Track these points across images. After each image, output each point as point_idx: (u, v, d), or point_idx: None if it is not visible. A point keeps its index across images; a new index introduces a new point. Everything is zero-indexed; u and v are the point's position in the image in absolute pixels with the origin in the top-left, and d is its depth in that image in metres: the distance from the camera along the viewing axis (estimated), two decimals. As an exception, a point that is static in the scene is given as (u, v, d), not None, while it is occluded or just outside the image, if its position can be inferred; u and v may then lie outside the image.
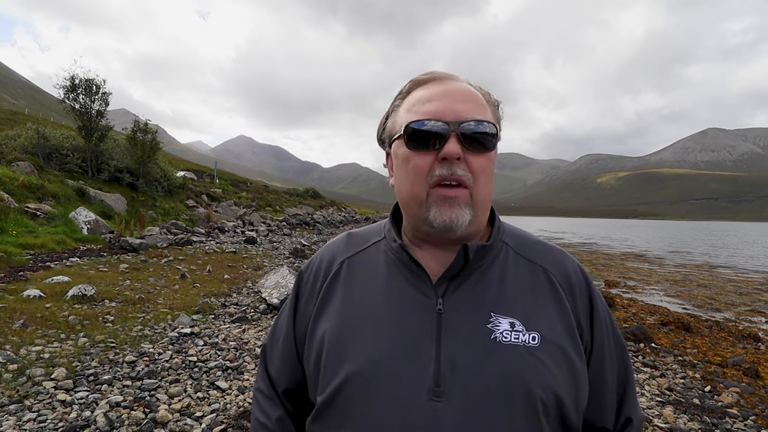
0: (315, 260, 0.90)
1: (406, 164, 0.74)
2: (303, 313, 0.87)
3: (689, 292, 12.01)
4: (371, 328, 0.74)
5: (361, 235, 0.90)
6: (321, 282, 0.85)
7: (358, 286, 0.81)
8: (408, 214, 0.79)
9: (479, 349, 0.70)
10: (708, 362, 5.64)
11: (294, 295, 0.91)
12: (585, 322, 0.79)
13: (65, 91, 17.07)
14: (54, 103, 22.12)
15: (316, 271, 0.88)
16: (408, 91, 0.79)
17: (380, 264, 0.81)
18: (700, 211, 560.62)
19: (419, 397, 0.67)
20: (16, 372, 3.47)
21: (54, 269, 7.42)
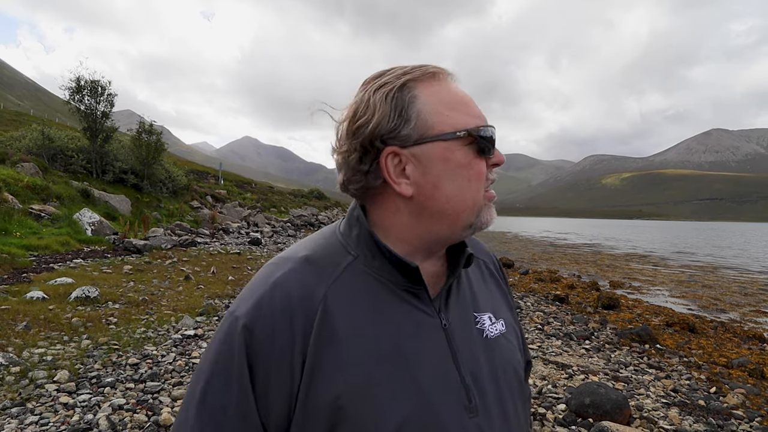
0: (265, 313, 0.61)
1: (468, 170, 0.67)
2: (272, 389, 0.60)
3: (694, 292, 11.94)
4: (397, 373, 0.63)
5: (322, 257, 0.68)
6: (301, 333, 0.61)
7: (357, 324, 0.63)
8: (454, 222, 0.68)
9: (481, 352, 0.71)
10: (713, 363, 5.60)
11: (236, 373, 0.60)
12: (509, 294, 0.90)
13: (71, 93, 17.18)
14: (59, 104, 22.24)
15: (282, 322, 0.61)
16: (420, 80, 0.68)
17: (366, 289, 0.66)
18: (704, 211, 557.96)
19: (464, 422, 0.65)
20: (18, 374, 3.47)
21: (58, 271, 7.45)
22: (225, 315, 0.66)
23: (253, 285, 0.66)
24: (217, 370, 0.61)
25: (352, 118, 0.67)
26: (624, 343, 6.16)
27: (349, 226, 0.71)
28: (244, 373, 0.60)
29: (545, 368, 4.81)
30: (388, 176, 0.67)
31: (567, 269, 16.11)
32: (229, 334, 0.62)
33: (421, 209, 0.68)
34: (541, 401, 3.83)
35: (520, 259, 18.87)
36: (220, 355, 0.62)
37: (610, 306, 8.73)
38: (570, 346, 5.88)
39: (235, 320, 0.62)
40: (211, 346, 0.64)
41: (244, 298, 0.65)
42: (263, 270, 0.69)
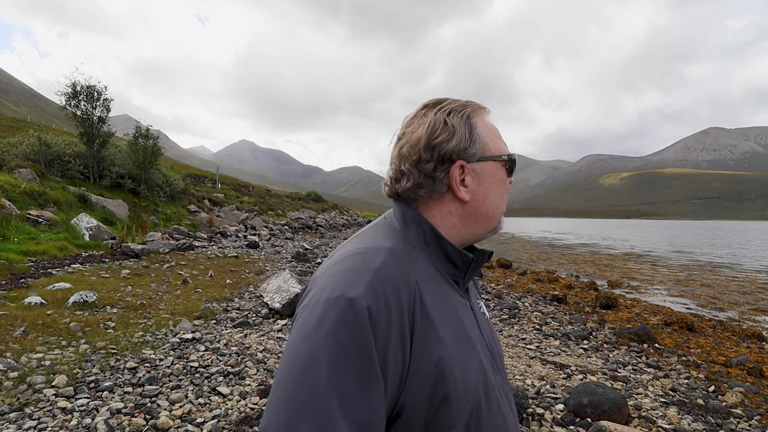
0: (378, 293, 0.69)
1: (503, 185, 0.89)
2: (390, 357, 0.67)
3: (692, 291, 11.97)
4: (468, 342, 0.79)
5: (401, 250, 0.79)
6: (408, 310, 0.71)
7: (437, 303, 0.76)
8: (490, 224, 0.88)
9: (488, 329, 0.92)
10: (712, 362, 5.61)
11: (364, 348, 0.65)
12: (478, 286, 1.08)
13: (67, 98, 17.16)
14: (56, 109, 22.20)
15: (393, 302, 0.69)
16: (474, 112, 0.86)
17: (433, 277, 0.80)
18: (702, 210, 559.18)
19: (495, 379, 0.83)
20: (16, 380, 3.46)
21: (56, 276, 7.43)
22: (321, 300, 0.69)
23: (352, 272, 0.72)
24: (343, 353, 0.64)
25: (431, 134, 0.82)
26: (622, 342, 6.17)
27: (407, 225, 0.84)
28: (372, 351, 0.65)
29: (543, 368, 4.81)
30: (454, 184, 0.83)
31: (565, 269, 16.14)
32: (347, 316, 0.66)
33: (471, 213, 0.85)
34: (540, 401, 3.83)
35: (518, 260, 18.89)
36: (344, 339, 0.65)
37: (608, 306, 8.74)
38: (568, 346, 5.89)
39: (351, 302, 0.67)
40: (319, 332, 0.66)
41: (348, 283, 0.70)
42: (352, 259, 0.75)
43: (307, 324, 0.68)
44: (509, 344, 5.75)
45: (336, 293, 0.69)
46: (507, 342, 5.86)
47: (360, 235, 0.86)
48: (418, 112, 0.86)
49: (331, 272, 0.74)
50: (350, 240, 0.86)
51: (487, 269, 14.42)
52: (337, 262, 0.77)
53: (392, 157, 0.87)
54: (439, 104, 0.86)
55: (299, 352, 0.66)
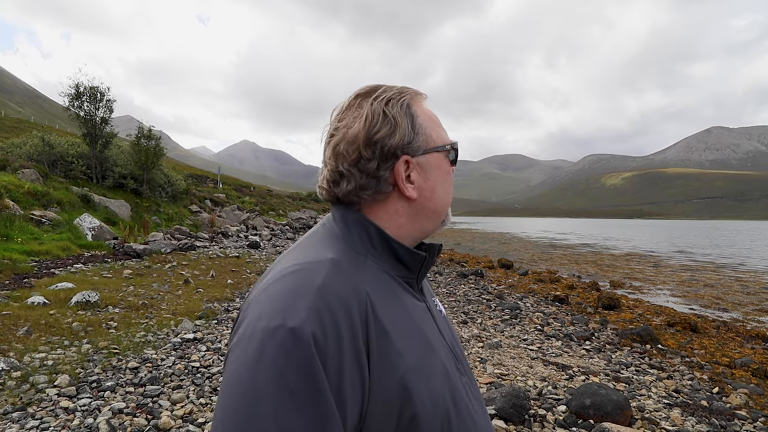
0: (324, 315, 0.60)
1: (448, 176, 0.82)
2: (346, 386, 0.59)
3: (696, 292, 11.93)
4: (430, 351, 0.72)
5: (345, 259, 0.71)
6: (360, 329, 0.63)
7: (391, 313, 0.69)
8: (438, 219, 0.82)
9: (448, 328, 0.86)
10: (716, 363, 5.59)
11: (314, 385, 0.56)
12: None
13: (70, 99, 17.23)
14: (59, 110, 22.27)
15: (343, 323, 0.61)
16: (414, 102, 0.79)
17: (384, 283, 0.72)
18: (706, 210, 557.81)
19: (461, 381, 0.78)
20: (19, 379, 3.47)
21: (58, 276, 7.45)
22: (257, 331, 0.59)
23: (290, 294, 0.62)
24: (287, 391, 0.55)
25: (370, 129, 0.73)
26: (625, 343, 6.15)
27: (349, 229, 0.75)
28: (323, 384, 0.57)
29: (545, 369, 4.80)
30: (400, 182, 0.75)
31: (567, 269, 16.10)
32: (288, 348, 0.57)
33: (419, 210, 0.78)
34: (542, 402, 3.82)
35: (520, 260, 18.87)
36: (287, 374, 0.56)
37: (610, 306, 8.72)
38: (570, 346, 5.88)
39: (292, 331, 0.57)
40: (258, 368, 0.56)
41: (286, 309, 0.60)
42: (289, 279, 0.65)
43: (243, 361, 0.58)
44: (511, 345, 5.74)
45: (274, 322, 0.59)
46: (508, 343, 5.85)
47: (297, 246, 0.76)
48: (351, 103, 0.77)
49: (266, 296, 0.64)
50: (286, 254, 0.76)
51: (488, 269, 14.40)
52: (271, 283, 0.66)
53: (326, 157, 0.77)
54: (373, 93, 0.76)
55: (236, 395, 0.56)
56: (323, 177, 0.78)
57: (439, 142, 0.79)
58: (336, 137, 0.75)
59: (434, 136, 0.79)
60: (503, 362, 4.95)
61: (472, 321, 6.95)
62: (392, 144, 0.73)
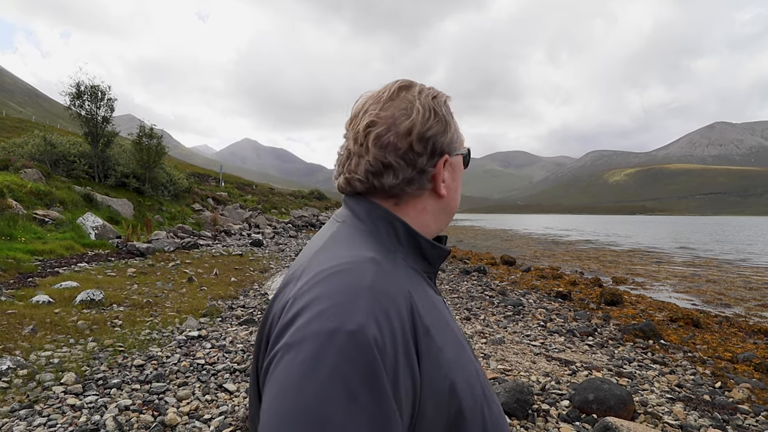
0: (380, 317, 0.58)
1: (461, 177, 0.85)
2: (401, 385, 0.58)
3: (698, 287, 11.92)
4: (462, 343, 0.73)
5: (385, 258, 0.69)
6: (410, 327, 0.62)
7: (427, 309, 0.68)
8: (448, 218, 0.84)
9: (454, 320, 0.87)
10: (718, 358, 5.59)
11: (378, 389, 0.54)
12: None
13: (71, 98, 17.25)
14: (60, 110, 22.29)
15: (396, 324, 0.60)
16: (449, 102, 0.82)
17: (416, 280, 0.72)
18: (708, 206, 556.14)
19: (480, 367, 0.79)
20: (26, 377, 3.50)
21: (62, 275, 7.48)
22: (313, 334, 0.56)
23: (345, 295, 0.60)
24: (352, 399, 0.52)
25: (424, 124, 0.73)
26: (627, 338, 6.16)
27: (375, 225, 0.74)
28: (385, 385, 0.55)
29: (548, 365, 4.82)
30: (439, 179, 0.77)
31: (569, 266, 16.10)
32: (351, 352, 0.54)
33: (443, 208, 0.80)
34: (545, 397, 3.83)
35: (522, 257, 18.87)
36: (352, 382, 0.53)
37: (613, 302, 8.72)
38: (573, 342, 5.89)
39: (352, 335, 0.55)
40: (316, 377, 0.53)
41: (344, 312, 0.57)
42: (337, 279, 0.62)
43: (299, 368, 0.54)
44: (514, 341, 5.76)
45: (329, 325, 0.56)
46: (512, 339, 5.86)
47: (327, 245, 0.72)
48: (392, 93, 0.75)
49: (314, 297, 0.61)
50: (315, 253, 0.71)
51: (491, 266, 14.41)
52: (316, 284, 0.62)
53: (361, 147, 0.73)
54: (413, 87, 0.77)
55: (295, 408, 0.52)
56: (359, 167, 0.74)
57: (463, 144, 0.83)
58: (380, 127, 0.72)
59: (461, 139, 0.83)
60: (506, 358, 4.97)
61: (475, 317, 6.97)
62: (443, 142, 0.75)
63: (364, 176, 0.73)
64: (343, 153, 0.77)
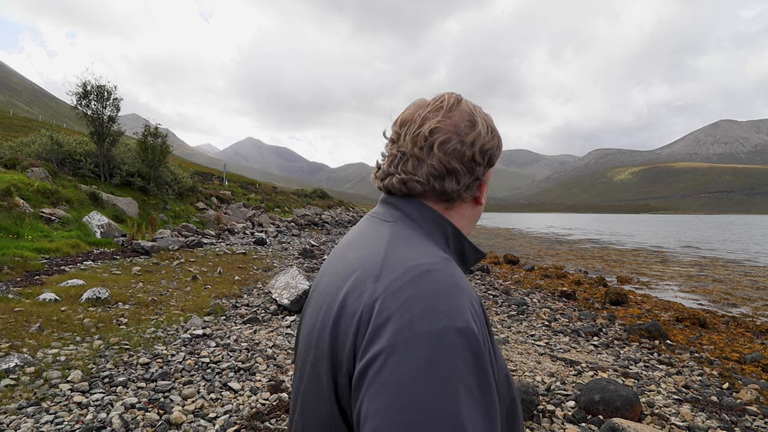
0: (475, 314, 0.63)
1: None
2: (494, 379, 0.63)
3: (704, 287, 11.85)
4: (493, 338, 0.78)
5: (448, 257, 0.73)
6: (485, 326, 0.68)
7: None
8: (474, 224, 0.89)
9: None
10: (725, 359, 5.56)
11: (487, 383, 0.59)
12: None
13: (78, 98, 17.32)
14: (67, 109, 22.39)
15: (480, 320, 0.65)
16: None
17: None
18: (713, 204, 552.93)
19: None
20: (33, 374, 3.52)
21: (69, 273, 7.52)
22: (422, 334, 0.57)
23: (443, 293, 0.62)
24: (468, 390, 0.56)
25: (485, 137, 0.79)
26: (633, 339, 6.13)
27: (429, 227, 0.78)
28: (491, 377, 0.60)
29: (553, 365, 4.80)
30: (484, 188, 0.84)
31: (573, 265, 16.04)
32: (462, 349, 0.57)
33: (476, 215, 0.86)
34: (550, 398, 3.82)
35: (525, 256, 18.82)
36: (466, 375, 0.57)
37: (618, 302, 8.69)
38: (578, 342, 5.87)
39: (460, 332, 0.58)
40: (438, 375, 0.55)
41: (448, 310, 0.60)
42: (431, 278, 0.64)
43: (414, 369, 0.55)
44: (518, 341, 5.74)
45: (438, 324, 0.58)
46: (516, 338, 5.84)
47: (399, 244, 0.73)
48: (451, 105, 0.79)
49: (408, 296, 0.61)
50: (387, 252, 0.71)
51: (494, 265, 14.38)
52: (406, 283, 0.63)
53: (424, 149, 0.75)
54: (464, 100, 0.82)
55: (419, 409, 0.53)
56: (419, 169, 0.76)
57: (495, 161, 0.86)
58: (446, 134, 0.75)
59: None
60: (511, 358, 4.95)
61: (480, 317, 6.95)
62: (494, 155, 0.82)
63: (425, 179, 0.76)
64: (396, 154, 0.79)
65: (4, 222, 9.77)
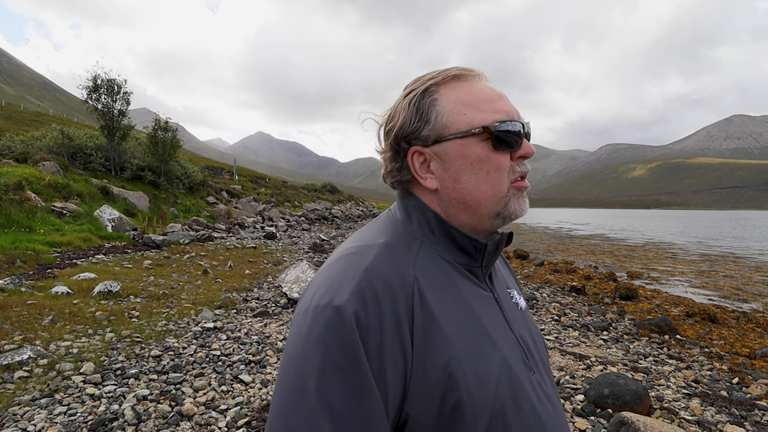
0: (367, 295, 0.63)
1: (486, 164, 0.73)
2: (388, 368, 0.62)
3: (715, 282, 11.73)
4: (484, 339, 0.70)
5: (399, 243, 0.73)
6: (405, 312, 0.65)
7: (442, 298, 0.69)
8: (477, 212, 0.75)
9: (522, 321, 0.83)
10: (735, 354, 5.51)
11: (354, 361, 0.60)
12: (512, 272, 1.01)
13: (88, 92, 17.47)
14: (76, 103, 22.60)
15: (385, 304, 0.64)
16: (444, 83, 0.75)
17: (439, 269, 0.73)
18: (725, 200, 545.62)
19: (529, 377, 0.75)
20: (46, 367, 3.58)
21: (80, 266, 7.62)
22: (311, 308, 0.65)
23: (341, 275, 0.67)
24: (331, 362, 0.60)
25: (386, 121, 0.78)
26: (643, 333, 6.09)
27: (408, 214, 0.78)
28: (362, 358, 0.60)
29: (562, 359, 4.78)
30: (414, 172, 0.76)
31: (583, 260, 15.95)
32: (334, 324, 0.61)
33: (447, 200, 0.76)
34: (559, 392, 3.81)
35: (535, 251, 18.73)
36: (331, 347, 0.61)
37: (628, 297, 8.63)
38: (587, 336, 5.84)
39: (338, 309, 0.62)
40: (308, 341, 0.62)
41: (336, 288, 0.65)
42: (343, 260, 0.70)
43: (298, 334, 0.64)
44: (527, 335, 5.73)
45: (324, 300, 0.64)
46: (525, 333, 5.83)
47: (359, 231, 0.80)
48: None
49: (323, 276, 0.69)
50: (349, 237, 0.80)
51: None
52: (328, 266, 0.72)
53: None
54: (410, 84, 0.78)
55: (290, 365, 0.63)
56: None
57: (462, 126, 0.73)
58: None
59: (454, 121, 0.74)
60: (519, 352, 4.95)
61: (488, 311, 6.95)
62: (393, 135, 0.76)
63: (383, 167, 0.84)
64: None
65: (17, 216, 9.91)
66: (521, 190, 0.77)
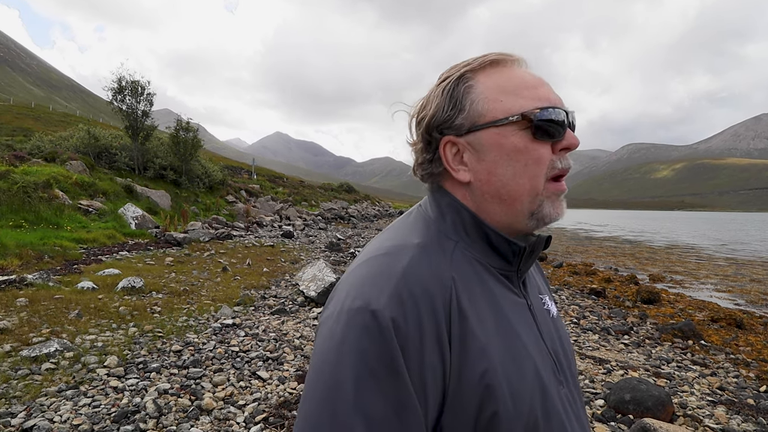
0: (406, 301, 0.60)
1: (524, 155, 0.68)
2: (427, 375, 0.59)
3: (741, 287, 11.40)
4: (519, 348, 0.67)
5: (433, 244, 0.69)
6: (443, 316, 0.61)
7: (478, 304, 0.66)
8: (512, 207, 0.70)
9: (553, 330, 0.78)
10: (763, 361, 5.35)
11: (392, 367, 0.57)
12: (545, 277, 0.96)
13: (113, 93, 17.89)
14: (102, 104, 23.14)
15: (424, 310, 0.60)
16: (480, 69, 0.71)
17: (474, 272, 0.68)
18: (753, 201, 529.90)
19: (559, 392, 0.71)
20: (72, 359, 3.68)
21: (105, 262, 7.81)
22: (344, 311, 0.61)
23: (375, 277, 0.63)
24: (368, 371, 0.57)
25: (418, 111, 0.74)
26: (665, 338, 5.96)
27: (441, 213, 0.73)
28: (401, 368, 0.57)
29: (582, 363, 4.71)
30: (446, 164, 0.71)
31: (603, 262, 15.67)
32: (371, 330, 0.58)
33: (480, 195, 0.71)
34: (579, 395, 3.76)
35: (554, 252, 18.49)
36: (368, 355, 0.57)
37: (649, 300, 8.46)
38: (607, 340, 5.74)
39: (374, 314, 0.59)
40: (342, 347, 0.59)
41: (370, 291, 0.61)
42: (376, 261, 0.66)
43: (330, 337, 0.61)
44: (546, 337, 5.66)
45: (357, 303, 0.60)
46: (544, 335, 5.77)
47: (388, 229, 0.76)
48: None
49: (354, 277, 0.66)
50: (378, 236, 0.75)
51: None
52: (359, 266, 0.68)
53: None
54: (445, 72, 0.74)
55: (323, 370, 0.59)
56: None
57: (499, 114, 0.68)
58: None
59: (490, 108, 0.68)
60: (538, 354, 4.89)
61: (506, 313, 6.89)
62: (425, 125, 0.72)
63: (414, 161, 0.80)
64: None
65: (45, 213, 10.21)
66: (557, 194, 0.70)
